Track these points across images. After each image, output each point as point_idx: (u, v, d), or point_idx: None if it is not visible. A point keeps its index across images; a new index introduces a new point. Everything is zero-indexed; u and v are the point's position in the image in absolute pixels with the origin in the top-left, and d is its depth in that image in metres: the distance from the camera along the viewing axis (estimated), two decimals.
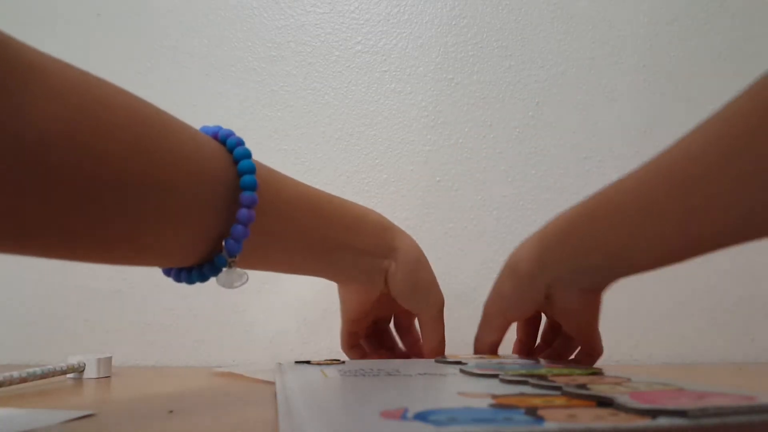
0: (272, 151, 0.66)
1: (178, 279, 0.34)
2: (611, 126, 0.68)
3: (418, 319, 0.47)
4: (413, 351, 0.50)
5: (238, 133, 0.36)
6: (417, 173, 0.67)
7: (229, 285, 0.34)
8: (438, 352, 0.46)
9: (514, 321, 0.45)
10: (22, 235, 0.26)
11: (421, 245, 0.48)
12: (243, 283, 0.34)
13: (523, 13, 0.69)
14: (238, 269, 0.34)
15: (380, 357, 0.49)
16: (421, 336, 0.48)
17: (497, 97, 0.68)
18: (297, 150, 0.67)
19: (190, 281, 0.34)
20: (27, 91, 0.23)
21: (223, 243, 0.32)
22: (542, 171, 0.67)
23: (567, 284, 0.39)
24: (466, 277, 0.64)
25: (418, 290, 0.45)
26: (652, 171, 0.33)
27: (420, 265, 0.46)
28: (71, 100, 0.25)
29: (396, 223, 0.47)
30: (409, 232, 0.48)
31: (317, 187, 0.41)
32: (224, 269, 0.33)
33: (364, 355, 0.49)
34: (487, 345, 0.45)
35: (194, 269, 0.34)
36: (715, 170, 0.29)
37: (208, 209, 0.31)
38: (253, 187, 0.32)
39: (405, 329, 0.51)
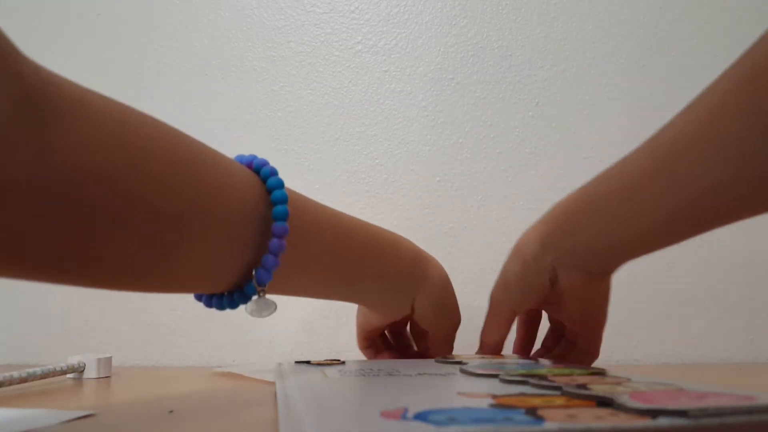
0: (272, 151, 0.66)
1: (209, 305, 0.34)
2: (611, 126, 0.68)
3: (432, 335, 0.47)
4: (426, 355, 0.50)
5: (240, 133, 0.36)
6: (417, 173, 0.67)
7: (258, 314, 0.34)
8: None
9: (520, 311, 0.45)
10: (51, 265, 0.26)
11: (421, 245, 0.48)
12: (271, 313, 0.34)
13: (523, 13, 0.69)
14: (267, 298, 0.34)
15: (393, 357, 0.49)
16: (432, 348, 0.47)
17: (497, 97, 0.68)
18: (297, 150, 0.67)
19: (221, 307, 0.34)
20: (63, 126, 0.23)
21: (254, 272, 0.32)
22: (542, 171, 0.67)
23: (570, 264, 0.39)
24: (466, 277, 0.64)
25: (440, 316, 0.46)
26: (639, 155, 0.35)
27: (446, 294, 0.46)
28: (107, 133, 0.25)
29: (396, 223, 0.47)
30: (409, 232, 0.48)
31: (317, 187, 0.41)
32: (254, 298, 0.33)
33: (377, 353, 0.50)
34: (493, 341, 0.45)
35: (225, 296, 0.34)
36: (693, 148, 0.31)
37: (240, 239, 0.32)
38: (284, 218, 0.32)
39: (420, 335, 0.51)
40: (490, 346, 0.45)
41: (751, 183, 0.29)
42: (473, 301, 0.63)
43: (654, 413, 0.19)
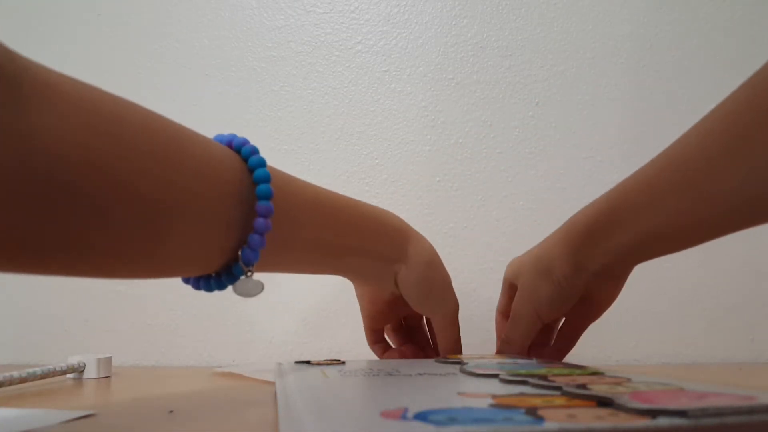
0: (272, 151, 0.66)
1: (197, 287, 0.34)
2: (611, 126, 0.68)
3: (433, 323, 0.47)
4: (438, 348, 0.49)
5: (240, 134, 0.35)
6: (417, 173, 0.67)
7: (246, 294, 0.34)
8: (450, 354, 0.46)
9: (547, 322, 0.45)
10: (40, 256, 0.26)
11: None
12: (259, 292, 0.34)
13: (523, 13, 0.69)
14: (254, 279, 0.34)
15: (405, 353, 0.49)
16: (437, 339, 0.47)
17: (497, 97, 0.68)
18: (297, 150, 0.67)
19: (209, 289, 0.34)
20: (42, 114, 0.23)
21: (240, 252, 0.32)
22: (542, 171, 0.67)
23: (603, 278, 0.41)
24: (466, 277, 0.64)
25: (429, 295, 0.45)
26: (658, 166, 0.36)
27: (431, 271, 0.45)
28: (87, 120, 0.25)
29: None
30: None
31: None
32: (241, 278, 0.33)
33: (386, 350, 0.50)
34: (518, 346, 0.45)
35: (212, 278, 0.34)
36: (714, 164, 0.32)
37: (224, 221, 0.32)
38: (268, 197, 0.32)
39: (414, 328, 0.51)
40: (513, 352, 0.45)
41: (756, 196, 0.31)
42: (473, 301, 0.63)
43: (654, 413, 0.19)
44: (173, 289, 0.65)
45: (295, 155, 0.67)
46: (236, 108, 0.68)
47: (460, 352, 0.47)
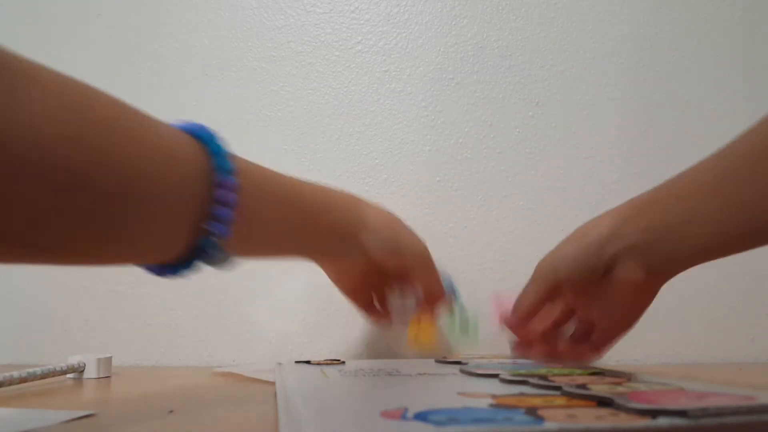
0: (272, 151, 0.66)
1: (161, 273, 0.34)
2: (611, 126, 0.68)
3: (411, 275, 0.48)
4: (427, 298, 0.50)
5: (240, 134, 0.36)
6: (417, 173, 0.67)
7: (218, 266, 0.34)
8: (438, 297, 0.46)
9: (564, 282, 0.43)
10: (24, 238, 0.26)
11: None
12: (230, 262, 0.34)
13: (523, 13, 0.69)
14: (223, 253, 0.34)
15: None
16: (420, 289, 0.48)
17: (497, 97, 0.68)
18: (297, 150, 0.67)
19: (175, 272, 0.34)
20: (23, 94, 0.25)
21: (208, 226, 0.32)
22: (542, 171, 0.67)
23: (633, 258, 0.40)
24: (466, 277, 0.64)
25: (396, 249, 0.46)
26: (712, 162, 0.37)
27: (393, 228, 0.47)
28: (60, 99, 0.27)
29: None
30: None
31: None
32: (210, 251, 0.33)
33: (374, 312, 0.52)
34: (527, 305, 0.44)
35: (180, 260, 0.34)
36: None
37: (186, 194, 0.32)
38: (227, 169, 0.33)
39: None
40: (522, 311, 0.44)
41: None
42: (473, 300, 0.63)
43: (654, 413, 0.19)
44: (173, 289, 0.65)
45: (295, 155, 0.67)
46: (236, 108, 0.68)
47: (443, 296, 0.47)
